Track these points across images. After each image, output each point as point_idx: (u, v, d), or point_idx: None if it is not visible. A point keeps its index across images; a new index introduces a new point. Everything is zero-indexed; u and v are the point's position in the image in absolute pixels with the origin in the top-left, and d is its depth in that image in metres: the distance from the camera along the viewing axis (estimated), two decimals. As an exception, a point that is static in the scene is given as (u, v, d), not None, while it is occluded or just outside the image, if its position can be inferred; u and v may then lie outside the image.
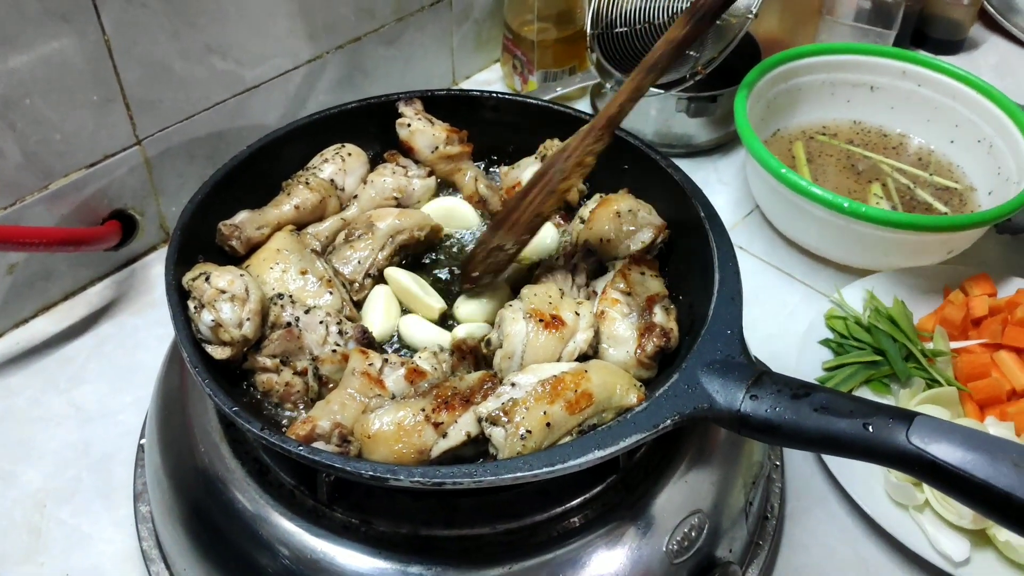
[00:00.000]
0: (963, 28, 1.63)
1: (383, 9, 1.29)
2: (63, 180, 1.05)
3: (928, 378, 1.02)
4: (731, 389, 0.69)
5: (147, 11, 1.02)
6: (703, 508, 0.79)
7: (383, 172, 0.97)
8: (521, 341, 0.77)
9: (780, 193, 1.16)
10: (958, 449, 0.60)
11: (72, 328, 1.11)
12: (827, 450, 0.67)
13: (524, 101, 1.02)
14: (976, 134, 1.27)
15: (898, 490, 0.92)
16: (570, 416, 0.71)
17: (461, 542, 0.74)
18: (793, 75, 1.32)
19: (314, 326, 0.79)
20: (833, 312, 1.10)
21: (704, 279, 0.81)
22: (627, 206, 0.91)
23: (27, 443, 0.99)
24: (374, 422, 0.71)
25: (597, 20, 1.29)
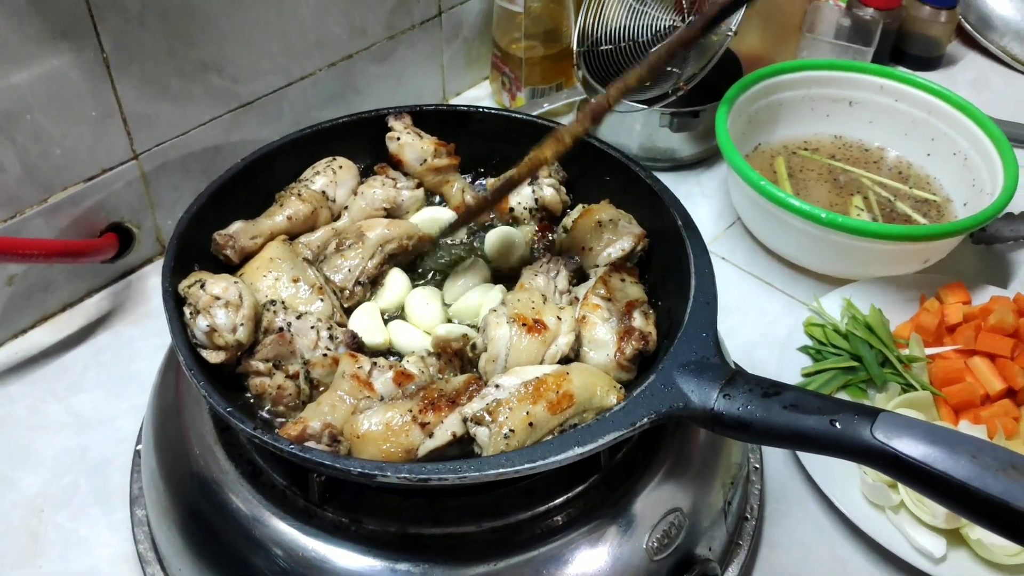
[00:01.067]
0: (940, 45, 1.67)
1: (374, 27, 1.32)
2: (62, 193, 1.08)
3: (904, 383, 1.04)
4: (705, 388, 0.71)
5: (145, 29, 1.05)
6: (683, 507, 0.82)
7: (373, 184, 1.00)
8: (505, 345, 0.80)
9: (760, 205, 1.19)
10: (919, 443, 0.63)
11: (70, 338, 1.14)
12: (797, 446, 0.70)
13: (509, 115, 1.05)
14: (951, 147, 1.30)
15: (874, 491, 0.94)
16: (552, 416, 0.74)
17: (448, 540, 0.76)
18: (774, 90, 1.35)
19: (305, 331, 0.82)
20: (812, 320, 1.13)
21: (681, 285, 0.84)
22: (608, 216, 0.94)
23: (26, 449, 1.01)
24: (363, 423, 0.74)
25: (583, 38, 1.32)
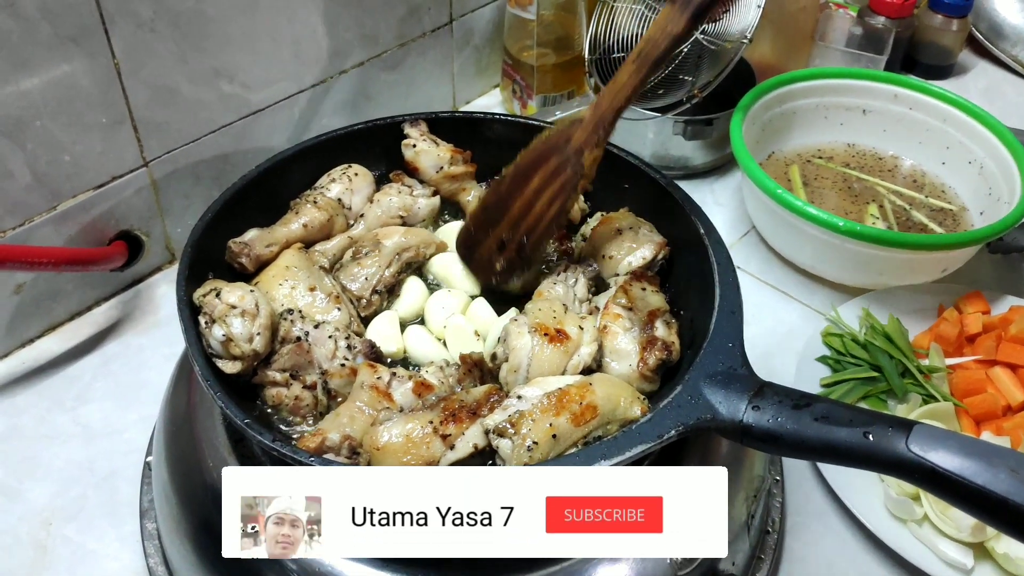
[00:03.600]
0: (952, 54, 1.66)
1: (386, 35, 1.31)
2: (71, 201, 1.07)
3: (925, 394, 1.03)
4: (734, 400, 0.70)
5: (156, 35, 1.04)
6: (706, 520, 0.80)
7: (389, 191, 0.99)
8: (527, 355, 0.78)
9: (776, 213, 1.18)
10: (956, 456, 0.61)
11: (78, 347, 1.12)
12: (828, 459, 0.68)
13: (525, 122, 1.04)
14: (967, 156, 1.29)
15: (897, 504, 0.93)
16: (576, 428, 0.73)
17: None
18: (787, 99, 1.34)
19: (323, 340, 0.80)
20: (829, 330, 1.12)
21: (704, 294, 0.82)
22: (628, 224, 0.93)
23: (33, 461, 1.00)
24: (383, 434, 0.72)
25: (595, 46, 1.31)
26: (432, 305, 0.91)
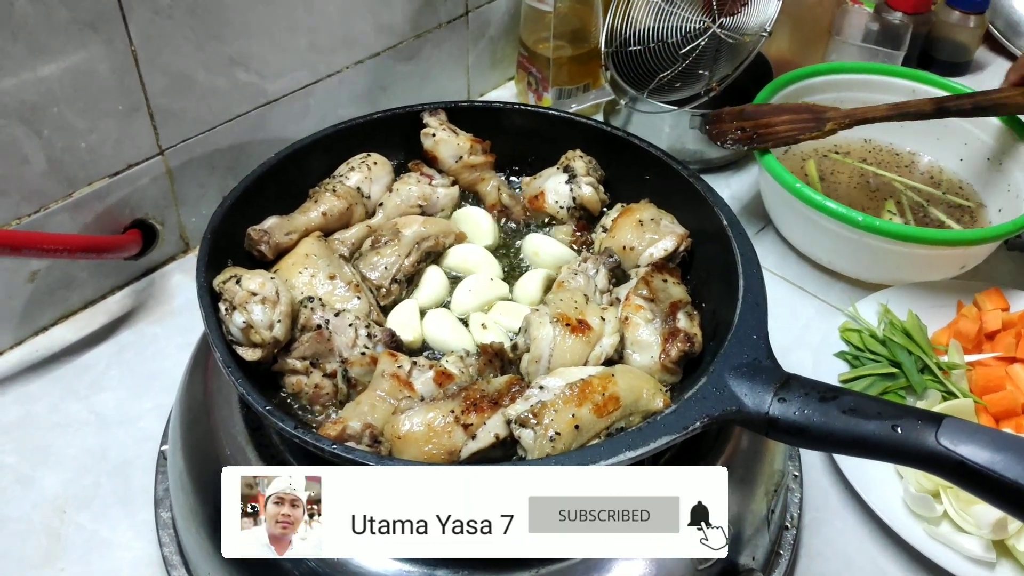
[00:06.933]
0: (969, 50, 1.65)
1: (401, 26, 1.31)
2: (87, 188, 1.06)
3: (944, 390, 1.02)
4: (759, 392, 0.70)
5: (173, 22, 1.04)
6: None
7: (408, 181, 0.98)
8: (548, 345, 0.78)
9: (794, 208, 1.17)
10: (986, 450, 0.61)
11: (92, 336, 1.11)
12: (855, 452, 0.67)
13: (546, 113, 1.03)
14: (985, 152, 1.28)
15: (917, 501, 0.92)
16: (598, 419, 0.72)
17: (488, 546, 0.74)
18: (805, 93, 1.33)
19: (344, 329, 0.80)
20: (847, 325, 1.11)
21: (727, 286, 0.82)
22: (649, 215, 0.92)
23: (46, 449, 0.99)
24: (404, 423, 0.72)
25: (611, 38, 1.30)
26: (460, 289, 0.91)
